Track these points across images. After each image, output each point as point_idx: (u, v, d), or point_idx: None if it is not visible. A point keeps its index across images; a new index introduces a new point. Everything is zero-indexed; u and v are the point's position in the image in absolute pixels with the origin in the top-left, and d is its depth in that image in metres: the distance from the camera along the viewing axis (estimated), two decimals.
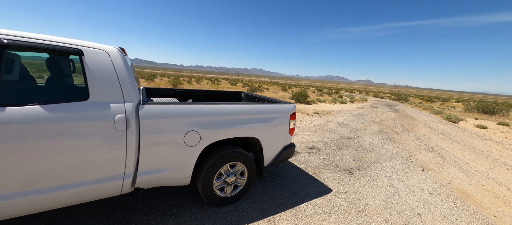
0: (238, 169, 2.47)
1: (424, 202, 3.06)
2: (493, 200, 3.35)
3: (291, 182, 3.26)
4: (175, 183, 2.08)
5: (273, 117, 2.58)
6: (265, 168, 3.60)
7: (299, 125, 7.57)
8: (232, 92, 4.19)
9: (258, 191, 2.90)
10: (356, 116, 11.49)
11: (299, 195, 2.91)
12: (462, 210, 2.95)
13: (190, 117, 1.97)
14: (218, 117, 2.13)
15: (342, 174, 3.76)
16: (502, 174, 4.59)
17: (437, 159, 5.14)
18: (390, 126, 9.15)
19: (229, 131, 2.21)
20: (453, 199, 3.24)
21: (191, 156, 2.02)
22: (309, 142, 5.50)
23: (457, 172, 4.43)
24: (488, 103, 19.11)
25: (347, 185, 3.34)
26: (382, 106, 19.66)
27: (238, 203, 2.56)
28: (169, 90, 3.62)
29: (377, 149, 5.49)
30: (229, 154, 2.31)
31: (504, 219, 2.85)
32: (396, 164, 4.52)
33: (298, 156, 4.44)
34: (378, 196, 3.10)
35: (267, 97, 3.59)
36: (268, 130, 2.53)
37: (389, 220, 2.57)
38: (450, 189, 3.56)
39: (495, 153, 6.27)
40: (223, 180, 2.39)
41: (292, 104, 2.85)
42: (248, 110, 2.34)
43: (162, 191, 2.65)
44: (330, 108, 14.41)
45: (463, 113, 18.39)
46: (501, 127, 11.63)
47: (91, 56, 1.59)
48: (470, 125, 11.73)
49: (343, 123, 8.90)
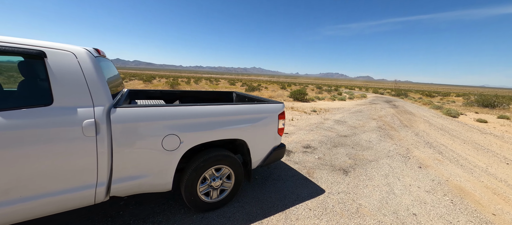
0: (224, 172, 2.37)
1: (420, 201, 2.96)
2: (492, 197, 3.24)
3: (283, 183, 3.16)
4: (155, 189, 1.98)
5: (260, 117, 2.47)
6: (256, 170, 3.51)
7: (295, 123, 7.47)
8: (223, 92, 4.09)
9: (248, 194, 2.81)
10: (354, 113, 11.37)
11: (290, 197, 2.81)
12: (459, 208, 2.85)
13: (168, 120, 1.86)
14: (200, 119, 2.03)
15: (337, 173, 3.66)
16: (502, 169, 4.48)
17: (436, 155, 5.03)
18: (388, 122, 9.03)
19: (212, 133, 2.11)
20: (451, 197, 3.13)
21: (170, 161, 1.92)
22: (304, 141, 5.39)
23: (455, 168, 4.32)
24: (488, 97, 18.96)
25: (341, 185, 3.24)
26: (381, 102, 19.52)
27: (225, 208, 2.46)
28: (156, 92, 3.52)
29: (374, 147, 5.39)
30: (214, 157, 2.21)
31: (504, 217, 2.74)
32: (393, 162, 4.41)
33: (292, 155, 4.34)
34: (372, 196, 3.00)
35: (257, 97, 3.48)
36: (254, 131, 2.43)
37: (383, 221, 2.47)
38: (448, 187, 3.46)
39: (495, 148, 6.15)
40: (208, 185, 2.29)
41: (280, 104, 2.74)
42: (232, 111, 2.24)
43: (147, 197, 2.56)
44: (329, 105, 14.29)
45: (463, 107, 18.24)
46: (502, 121, 11.49)
47: (55, 58, 1.49)
48: (470, 119, 11.59)
49: (340, 120, 8.79)
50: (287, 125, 7.08)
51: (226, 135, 2.20)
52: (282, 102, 2.79)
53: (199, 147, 2.40)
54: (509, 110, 17.20)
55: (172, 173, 1.97)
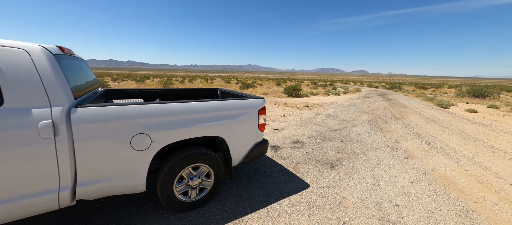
0: (203, 170, 2.32)
1: (404, 192, 2.96)
2: (476, 185, 3.27)
3: (268, 179, 3.13)
4: (127, 191, 1.92)
5: (238, 113, 2.42)
6: (241, 167, 3.47)
7: (287, 119, 7.44)
8: (207, 89, 4.01)
9: (231, 192, 2.76)
10: (347, 107, 11.41)
11: (273, 193, 2.78)
12: (442, 198, 2.86)
13: (137, 118, 1.79)
14: (171, 117, 1.96)
15: (323, 167, 3.64)
16: (488, 157, 4.54)
17: (424, 146, 5.06)
18: (380, 115, 9.08)
19: (186, 131, 2.05)
20: (435, 186, 3.15)
21: (141, 161, 1.85)
22: (294, 136, 5.37)
23: (442, 158, 4.36)
24: (479, 87, 19.24)
25: (326, 179, 3.23)
26: (374, 96, 19.65)
27: (206, 207, 2.42)
28: (136, 91, 3.42)
29: (364, 140, 5.39)
30: (190, 156, 2.15)
31: (485, 204, 2.77)
32: (381, 154, 4.42)
33: (280, 151, 4.31)
34: (357, 189, 2.99)
35: (239, 92, 3.42)
36: (233, 128, 2.37)
37: (365, 213, 2.46)
38: (433, 177, 3.47)
39: (482, 137, 6.23)
40: (186, 184, 2.24)
41: (260, 99, 2.69)
42: (206, 108, 2.17)
43: (125, 199, 2.49)
44: (322, 100, 14.31)
45: (455, 98, 18.50)
46: (491, 110, 11.69)
47: (4, 56, 1.40)
48: (460, 110, 11.76)
49: (332, 114, 8.80)
50: (279, 121, 7.05)
51: (201, 132, 2.14)
52: (262, 98, 2.73)
53: (177, 146, 2.34)
54: (499, 99, 17.52)
55: (144, 173, 1.91)
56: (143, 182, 1.94)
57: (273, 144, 4.70)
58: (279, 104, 11.22)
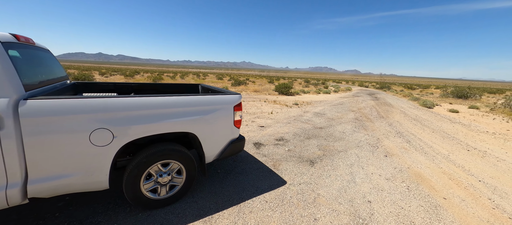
0: (173, 167, 2.26)
1: (378, 189, 3.02)
2: (447, 182, 3.38)
3: (245, 176, 3.11)
4: (88, 188, 1.84)
5: (212, 109, 2.37)
6: (219, 164, 3.42)
7: (274, 116, 7.44)
8: (188, 85, 3.92)
9: (205, 188, 2.72)
10: (336, 105, 11.56)
11: (248, 190, 2.77)
12: (413, 194, 2.94)
13: (97, 112, 1.71)
14: (137, 112, 1.89)
15: (303, 165, 3.66)
16: (462, 155, 4.71)
17: (403, 144, 5.20)
18: (366, 114, 9.26)
19: (154, 126, 1.98)
20: (408, 183, 3.23)
21: (102, 157, 1.77)
22: (278, 134, 5.38)
23: (419, 156, 4.49)
24: (462, 89, 19.99)
25: (304, 176, 3.24)
26: (364, 95, 20.03)
27: (177, 204, 2.37)
28: (109, 85, 3.30)
29: (347, 137, 5.48)
30: (159, 152, 2.09)
31: (453, 200, 2.87)
32: (361, 151, 4.50)
33: (262, 148, 4.30)
34: (333, 186, 3.02)
35: (219, 88, 3.37)
36: (206, 124, 2.32)
37: (337, 209, 2.49)
38: (408, 174, 3.57)
39: (460, 136, 6.47)
40: (155, 181, 2.18)
41: (236, 95, 2.65)
42: (177, 103, 2.11)
43: (92, 196, 2.40)
44: (312, 99, 14.43)
45: (439, 99, 19.15)
46: (471, 110, 12.17)
47: None
48: (443, 110, 12.17)
49: (320, 112, 8.89)
50: (266, 118, 7.04)
51: (171, 128, 2.08)
52: (239, 93, 2.69)
53: (146, 141, 2.27)
54: (480, 101, 18.28)
55: (106, 170, 1.83)
56: (106, 179, 1.86)
57: (256, 141, 4.69)
58: (268, 102, 11.22)
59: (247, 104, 9.80)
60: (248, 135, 5.13)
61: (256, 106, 9.45)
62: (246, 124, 6.10)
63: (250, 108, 8.81)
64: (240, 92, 15.86)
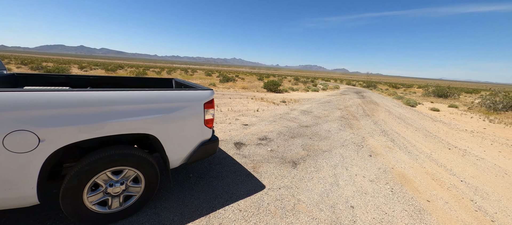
0: (128, 175, 1.92)
1: (361, 192, 2.85)
2: (430, 183, 3.30)
3: (220, 181, 2.82)
4: (7, 205, 1.47)
5: (176, 106, 2.04)
6: (193, 167, 3.10)
7: (259, 114, 7.18)
8: (160, 79, 3.54)
9: (172, 197, 2.41)
10: (323, 103, 11.52)
11: (222, 197, 2.48)
12: (397, 197, 2.80)
13: (12, 110, 1.34)
14: (74, 109, 1.53)
15: (285, 166, 3.43)
16: (444, 154, 4.72)
17: (388, 143, 5.14)
18: (352, 112, 9.26)
19: (98, 127, 1.63)
20: (392, 185, 3.10)
21: (24, 166, 1.41)
22: (262, 133, 5.12)
23: (403, 155, 4.42)
24: (443, 88, 20.84)
25: (285, 179, 3.01)
26: (351, 93, 20.32)
27: (133, 218, 2.04)
28: (60, 77, 2.85)
29: (332, 136, 5.33)
30: (108, 158, 1.74)
31: (437, 203, 2.76)
32: (346, 151, 4.36)
33: (243, 149, 4.02)
34: (315, 190, 2.81)
35: (193, 83, 3.03)
36: (168, 124, 2.00)
37: (317, 218, 2.28)
38: (392, 174, 3.45)
39: (441, 134, 6.57)
40: (104, 192, 1.83)
41: (208, 91, 2.33)
42: (129, 99, 1.77)
43: (29, 211, 2.01)
44: (300, 96, 14.35)
45: (422, 98, 19.84)
46: (451, 109, 12.63)
47: None
48: (426, 108, 12.53)
49: (307, 110, 8.75)
50: (251, 116, 6.77)
51: (121, 129, 1.74)
52: (210, 89, 2.38)
53: (93, 145, 1.91)
54: (458, 100, 19.15)
55: (33, 182, 1.47)
56: (33, 193, 1.50)
57: (238, 141, 4.40)
58: (256, 99, 10.95)
59: (232, 101, 9.47)
60: (230, 134, 4.83)
61: (242, 103, 9.14)
62: (229, 122, 5.80)
63: (236, 105, 8.49)
64: (228, 89, 15.46)
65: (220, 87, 16.10)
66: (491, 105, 12.07)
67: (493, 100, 12.37)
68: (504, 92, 13.46)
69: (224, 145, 4.13)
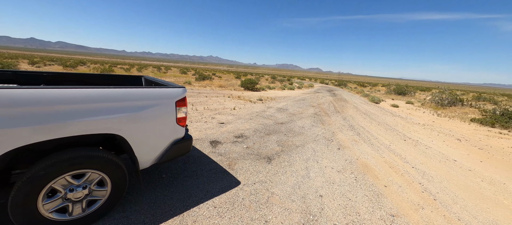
0: (92, 178, 1.80)
1: (329, 182, 3.09)
2: (388, 170, 3.72)
3: (195, 180, 2.79)
4: None
5: (145, 105, 1.97)
6: (166, 167, 3.01)
7: (236, 112, 7.20)
8: (128, 76, 3.33)
9: (143, 198, 2.32)
10: (298, 101, 12.00)
11: (196, 195, 2.47)
12: (360, 184, 3.10)
13: None
14: (20, 109, 1.39)
15: (260, 162, 3.53)
16: (401, 145, 5.33)
17: (354, 137, 5.60)
18: (324, 109, 9.83)
19: (51, 129, 1.50)
20: (356, 174, 3.41)
21: None
22: (239, 130, 5.16)
23: (367, 147, 4.88)
24: (402, 87, 23.29)
25: (260, 175, 3.11)
26: (324, 91, 21.50)
27: (100, 222, 1.92)
28: (6, 73, 2.51)
29: (306, 132, 5.62)
30: (67, 162, 1.61)
31: (392, 187, 3.13)
32: (317, 145, 4.65)
33: (219, 147, 4.01)
34: (287, 182, 2.97)
35: (163, 81, 2.93)
36: (136, 123, 1.92)
37: (289, 208, 2.42)
38: (356, 165, 3.79)
39: (399, 127, 7.39)
40: (63, 198, 1.69)
41: (180, 89, 2.29)
42: (89, 97, 1.65)
43: None
44: (277, 94, 14.71)
45: (384, 95, 21.90)
46: (408, 105, 14.21)
47: None
48: (387, 105, 13.89)
49: (283, 108, 9.04)
50: (227, 114, 6.75)
51: (81, 129, 1.62)
52: (183, 87, 2.34)
53: (55, 147, 1.75)
54: (414, 97, 21.60)
55: None
56: None
57: (214, 139, 4.38)
58: (233, 97, 10.92)
59: (209, 100, 9.31)
60: (206, 132, 4.77)
61: (219, 102, 9.05)
62: (205, 121, 5.71)
63: (212, 104, 8.37)
64: (204, 87, 15.09)
65: (196, 85, 15.64)
66: (439, 102, 13.91)
67: (441, 97, 14.27)
68: (449, 90, 15.62)
69: (200, 143, 4.08)
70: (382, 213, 2.49)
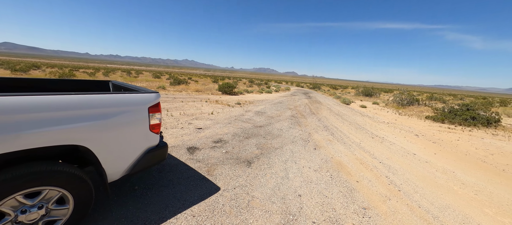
0: (49, 196, 1.60)
1: (307, 181, 3.21)
2: (359, 166, 4.00)
3: (171, 189, 2.66)
4: None
5: (113, 112, 1.82)
6: (138, 178, 2.81)
7: (214, 117, 7.07)
8: (91, 81, 3.05)
9: (113, 214, 2.12)
10: (276, 104, 12.27)
11: (173, 206, 2.35)
12: (335, 182, 3.28)
13: None
14: None
15: (240, 166, 3.51)
16: (369, 142, 5.78)
17: (329, 137, 5.92)
18: (301, 111, 10.21)
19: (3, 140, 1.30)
20: (331, 172, 3.61)
21: None
22: (217, 135, 5.07)
23: (340, 146, 5.19)
24: (369, 89, 25.42)
25: (240, 179, 3.09)
26: (300, 94, 22.35)
27: None
28: None
29: (284, 134, 5.76)
30: (18, 179, 1.41)
31: (363, 182, 3.37)
32: (295, 147, 4.80)
33: (197, 153, 3.89)
34: (267, 185, 3.00)
35: (134, 86, 2.76)
36: (103, 132, 1.76)
37: (270, 210, 2.44)
38: (331, 163, 4.01)
39: (367, 126, 8.02)
40: (13, 222, 1.47)
41: (152, 94, 2.18)
42: (44, 105, 1.47)
43: None
44: (255, 98, 14.84)
45: (354, 97, 23.63)
46: (374, 106, 15.53)
47: None
48: (357, 106, 14.98)
49: (261, 111, 9.15)
50: (205, 119, 6.58)
51: (34, 142, 1.43)
52: (156, 92, 2.23)
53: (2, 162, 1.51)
54: (379, 98, 23.69)
55: None
56: None
57: (191, 145, 4.23)
58: (210, 101, 10.70)
59: (185, 105, 8.98)
60: (183, 139, 4.58)
61: (196, 107, 8.79)
62: (181, 127, 5.49)
63: (189, 109, 8.10)
64: (180, 92, 14.51)
65: (170, 90, 14.96)
66: (400, 102, 15.48)
67: (401, 98, 15.91)
68: (407, 92, 17.54)
69: (176, 150, 3.90)
70: (355, 207, 2.66)
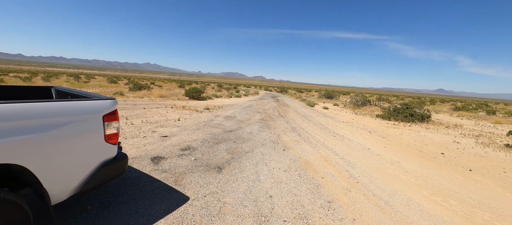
0: None
1: (278, 182, 3.31)
2: (323, 163, 4.32)
3: (133, 205, 2.42)
4: None
5: (56, 122, 1.58)
6: (92, 196, 2.47)
7: (181, 123, 6.72)
8: (28, 87, 2.58)
9: None
10: (245, 108, 12.35)
11: (136, 222, 2.14)
12: (303, 180, 3.47)
13: None
14: None
15: (210, 173, 3.41)
16: (332, 140, 6.30)
17: (296, 138, 6.24)
18: (270, 114, 10.51)
19: None
20: (299, 171, 3.80)
21: None
22: (185, 142, 4.83)
23: (306, 145, 5.51)
24: (330, 91, 27.77)
25: (210, 186, 3.00)
26: (268, 97, 23.00)
27: None
28: None
29: (254, 138, 5.83)
30: None
31: (327, 177, 3.65)
32: (265, 149, 4.90)
33: (163, 163, 3.63)
34: (239, 189, 2.98)
35: (85, 92, 2.45)
36: (44, 147, 1.51)
37: (242, 214, 2.44)
38: (299, 163, 4.23)
39: (330, 126, 8.73)
40: None
41: (108, 100, 1.97)
42: None
43: None
44: (224, 102, 14.67)
45: (317, 99, 25.47)
46: (335, 107, 17.01)
47: None
48: (320, 107, 16.17)
49: (230, 116, 9.08)
50: (171, 127, 6.20)
51: None
52: (112, 98, 2.02)
53: None
54: (339, 99, 26.05)
55: None
56: None
57: (156, 155, 3.92)
58: (176, 107, 10.14)
59: (148, 112, 8.31)
60: (145, 148, 4.22)
61: (161, 113, 8.21)
62: (144, 135, 5.05)
63: (152, 116, 7.51)
64: (141, 98, 13.35)
65: (130, 96, 13.65)
66: (355, 103, 17.33)
67: (356, 99, 17.85)
68: (361, 94, 19.81)
69: (138, 162, 3.57)
70: (322, 201, 2.86)
